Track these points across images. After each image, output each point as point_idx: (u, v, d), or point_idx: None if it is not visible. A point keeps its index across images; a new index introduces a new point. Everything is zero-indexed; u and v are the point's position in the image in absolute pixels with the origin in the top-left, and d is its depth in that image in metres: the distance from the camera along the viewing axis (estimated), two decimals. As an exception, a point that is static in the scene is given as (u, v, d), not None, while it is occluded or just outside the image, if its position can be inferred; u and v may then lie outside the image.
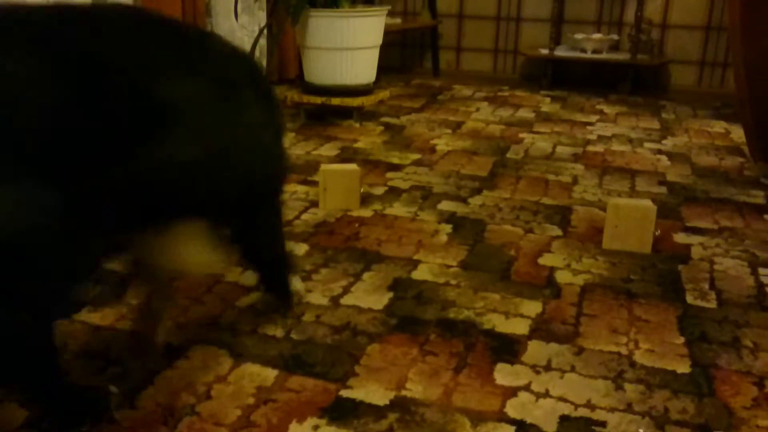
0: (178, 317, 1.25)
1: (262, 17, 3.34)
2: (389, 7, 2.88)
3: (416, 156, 2.33)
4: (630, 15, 3.57)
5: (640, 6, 3.38)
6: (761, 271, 1.52)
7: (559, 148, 2.47)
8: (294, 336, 1.21)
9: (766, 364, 1.16)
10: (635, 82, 3.51)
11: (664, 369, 1.14)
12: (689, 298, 1.39)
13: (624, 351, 1.19)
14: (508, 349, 1.18)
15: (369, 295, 1.36)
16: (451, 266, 1.50)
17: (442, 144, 2.49)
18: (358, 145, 2.45)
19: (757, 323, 1.29)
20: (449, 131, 2.69)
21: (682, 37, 3.57)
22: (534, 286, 1.42)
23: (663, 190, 2.05)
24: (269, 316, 1.26)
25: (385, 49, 3.17)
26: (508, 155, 2.37)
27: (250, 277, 1.39)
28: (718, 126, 2.88)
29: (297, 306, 1.31)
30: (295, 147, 2.40)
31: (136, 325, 1.18)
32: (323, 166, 1.82)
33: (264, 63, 3.29)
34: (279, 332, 1.22)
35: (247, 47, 3.03)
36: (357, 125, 2.72)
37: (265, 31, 3.29)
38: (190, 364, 1.11)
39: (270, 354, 1.15)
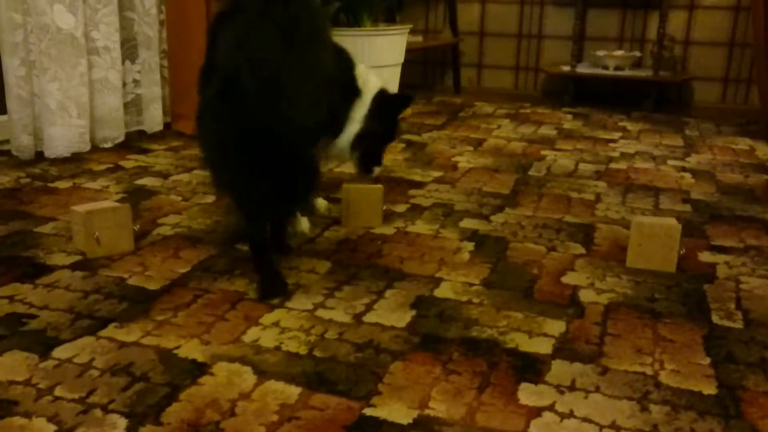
0: (202, 334, 1.26)
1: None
2: (411, 26, 2.91)
3: (438, 173, 2.34)
4: (652, 31, 3.56)
5: (662, 23, 3.37)
6: (789, 290, 1.50)
7: (581, 166, 2.46)
8: (317, 353, 1.21)
9: (794, 385, 1.15)
10: (658, 99, 3.50)
11: (690, 390, 1.13)
12: (715, 318, 1.37)
13: (649, 371, 1.18)
14: (531, 368, 1.18)
15: (392, 313, 1.36)
16: (474, 284, 1.50)
17: (464, 161, 2.50)
18: (380, 162, 2.46)
19: (785, 344, 1.28)
20: (471, 148, 2.69)
21: (706, 53, 3.55)
22: (557, 305, 1.41)
23: (687, 208, 2.03)
24: (293, 334, 1.27)
25: (407, 66, 3.19)
26: (530, 172, 2.37)
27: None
28: (743, 143, 2.85)
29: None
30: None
31: None
32: (346, 184, 1.84)
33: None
34: (302, 349, 1.22)
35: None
36: (379, 142, 2.73)
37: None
38: (215, 381, 1.12)
39: (293, 371, 1.15)
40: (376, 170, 1.90)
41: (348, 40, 2.64)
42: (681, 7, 3.55)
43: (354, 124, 1.79)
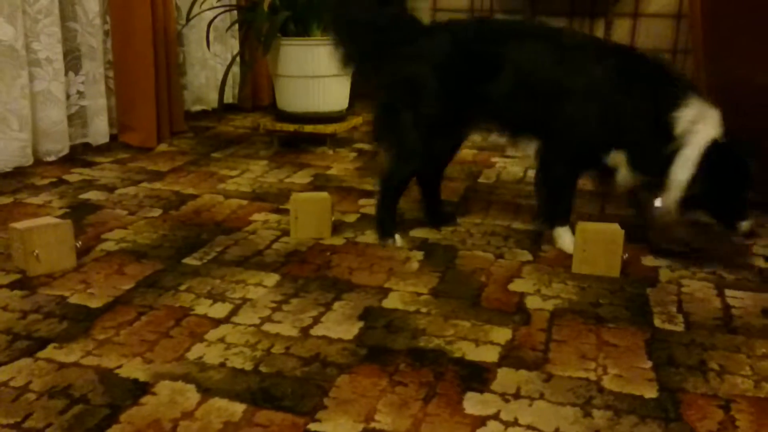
0: (144, 352, 1.24)
1: (235, 45, 3.35)
2: (361, 35, 2.90)
3: (389, 182, 2.33)
4: (598, 39, 3.63)
5: (608, 30, 3.44)
6: (728, 292, 1.54)
7: (530, 172, 2.49)
8: (263, 369, 1.20)
9: (732, 386, 1.17)
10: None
11: (632, 394, 1.15)
12: (657, 322, 1.40)
13: (593, 377, 1.19)
14: (477, 377, 1.18)
15: (339, 325, 1.35)
16: (422, 294, 1.50)
17: (415, 170, 2.50)
18: (332, 172, 2.46)
19: (723, 345, 1.31)
20: (422, 156, 2.70)
21: (650, 60, 3.63)
22: (504, 312, 1.43)
23: (632, 212, 2.07)
24: (239, 350, 1.26)
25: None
26: (480, 180, 2.39)
27: (219, 310, 1.39)
28: (686, 147, 2.92)
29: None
30: (268, 175, 2.40)
31: None
32: (294, 195, 1.83)
33: (236, 91, 3.30)
34: (248, 365, 1.21)
35: (220, 76, 3.04)
36: (330, 152, 2.73)
37: (239, 59, 3.30)
38: (157, 401, 1.10)
39: (238, 388, 1.14)
40: (743, 225, 1.56)
41: (296, 49, 2.64)
42: (626, 15, 3.62)
43: (674, 188, 1.54)
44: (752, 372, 1.22)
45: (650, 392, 1.15)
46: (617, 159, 1.64)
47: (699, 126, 1.50)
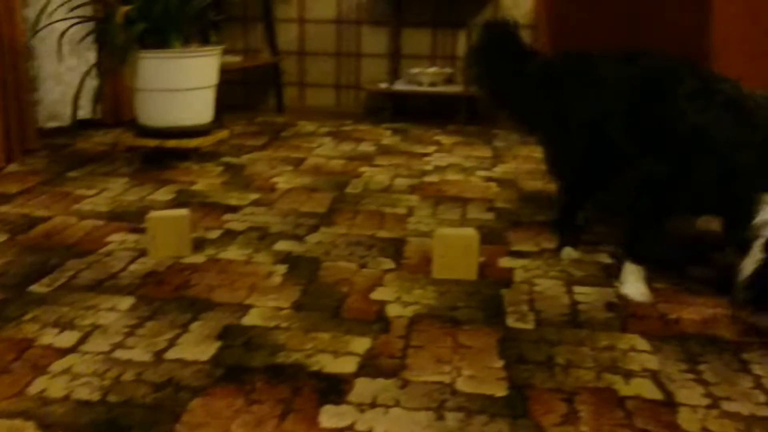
0: (-21, 390, 1.15)
1: (92, 58, 3.21)
2: (223, 47, 2.86)
3: (255, 196, 2.31)
4: (461, 49, 3.75)
5: (469, 40, 3.56)
6: (575, 289, 1.63)
7: (397, 181, 2.53)
8: (111, 398, 1.14)
9: (576, 379, 1.24)
10: (470, 112, 3.69)
11: (483, 394, 1.19)
12: (510, 321, 1.46)
13: (447, 380, 1.23)
14: (334, 389, 1.19)
15: (195, 347, 1.32)
16: (284, 308, 1.49)
17: (283, 182, 2.49)
18: (196, 187, 2.40)
19: (570, 340, 1.38)
20: (291, 168, 2.69)
21: (510, 69, 3.79)
22: (364, 321, 1.44)
23: (491, 216, 2.15)
24: (85, 380, 1.19)
25: (228, 87, 3.14)
26: (347, 190, 2.41)
27: (65, 340, 1.31)
28: (544, 151, 3.07)
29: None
30: (128, 193, 2.31)
31: None
32: (151, 213, 1.76)
33: (94, 106, 3.15)
34: (95, 396, 1.15)
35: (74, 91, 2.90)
36: (195, 167, 2.66)
37: (97, 73, 3.16)
38: (-10, 442, 1.03)
39: (82, 421, 1.08)
40: None
41: (155, 62, 2.56)
42: (485, 25, 3.77)
43: (748, 262, 1.36)
44: (595, 364, 1.29)
45: (500, 391, 1.20)
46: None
47: None
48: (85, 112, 3.12)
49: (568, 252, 1.82)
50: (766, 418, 1.13)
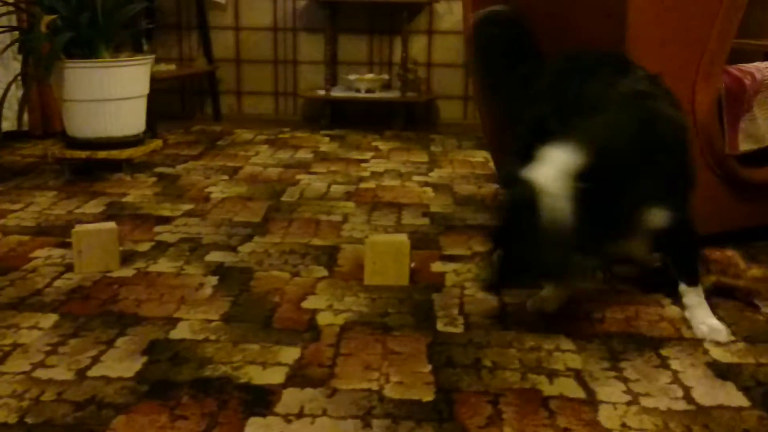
0: None
1: (17, 68, 3.11)
2: (154, 56, 2.82)
3: (189, 206, 2.28)
4: (397, 55, 3.78)
5: (405, 47, 3.60)
6: (505, 291, 1.65)
7: (333, 187, 2.53)
8: (29, 420, 1.11)
9: (501, 381, 1.26)
10: (408, 118, 3.72)
11: (411, 399, 1.19)
12: (439, 325, 1.47)
13: (375, 387, 1.23)
14: (261, 401, 1.18)
15: (120, 363, 1.29)
16: (213, 320, 1.47)
17: (218, 192, 2.46)
18: (127, 199, 2.35)
19: (497, 342, 1.40)
20: (226, 177, 2.67)
21: (446, 74, 3.85)
22: (295, 331, 1.43)
23: (426, 221, 2.17)
24: (2, 402, 1.16)
25: (163, 95, 3.10)
26: (283, 198, 2.40)
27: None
28: (480, 156, 3.12)
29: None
30: (56, 207, 2.25)
31: None
32: (76, 227, 1.72)
33: (19, 117, 3.05)
34: (12, 418, 1.12)
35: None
36: (128, 178, 2.61)
37: (22, 83, 3.07)
38: None
39: (-3, 445, 1.05)
40: None
41: (82, 72, 2.50)
42: (421, 32, 3.81)
43: None
44: (520, 365, 1.32)
45: (428, 395, 1.21)
46: None
47: None
48: (10, 123, 3.03)
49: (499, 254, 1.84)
50: (683, 412, 1.17)
